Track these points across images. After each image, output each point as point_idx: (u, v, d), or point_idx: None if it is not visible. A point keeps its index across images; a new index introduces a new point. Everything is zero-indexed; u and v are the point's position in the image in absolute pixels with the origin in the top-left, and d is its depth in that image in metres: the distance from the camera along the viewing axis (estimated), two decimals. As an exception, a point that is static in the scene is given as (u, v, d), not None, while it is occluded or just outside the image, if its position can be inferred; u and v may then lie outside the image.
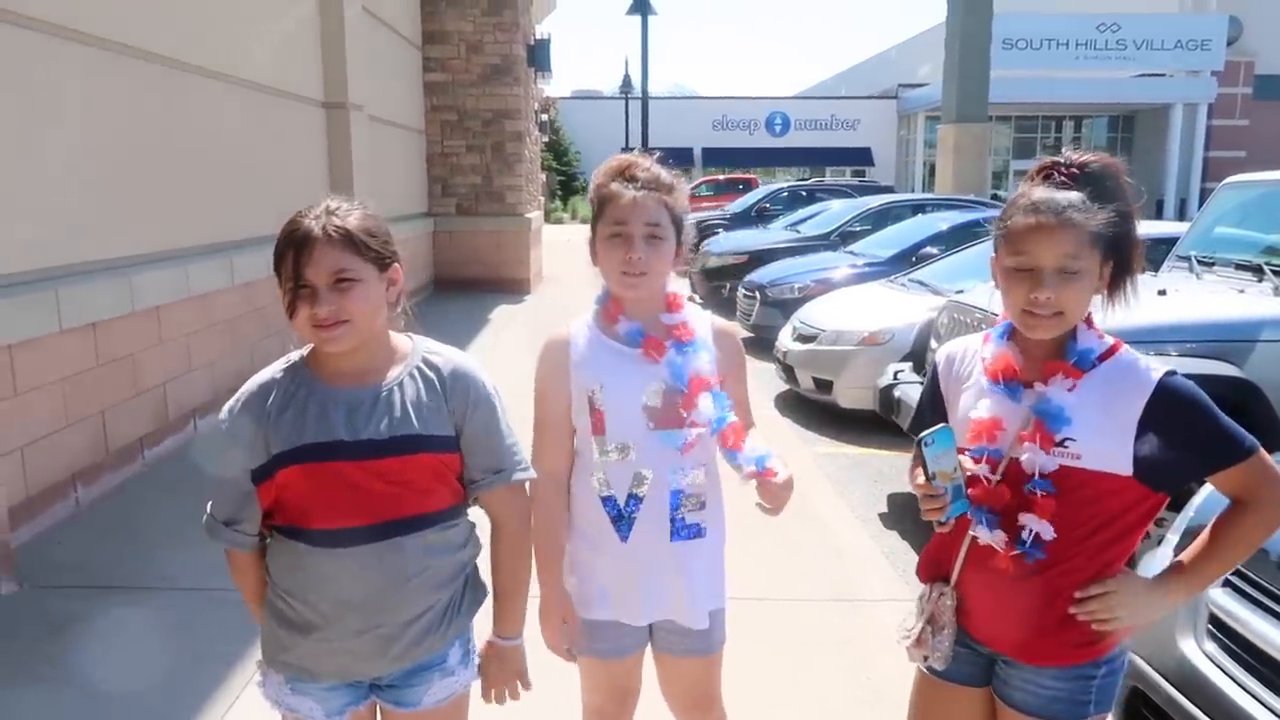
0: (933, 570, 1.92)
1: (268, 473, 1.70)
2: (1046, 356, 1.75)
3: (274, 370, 1.78)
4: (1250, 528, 1.68)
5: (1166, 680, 2.33)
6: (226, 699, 3.16)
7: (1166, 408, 1.65)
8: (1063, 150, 1.78)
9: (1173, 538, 2.64)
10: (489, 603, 1.94)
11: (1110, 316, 1.76)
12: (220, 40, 6.86)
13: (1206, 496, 2.67)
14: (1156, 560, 2.63)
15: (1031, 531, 1.71)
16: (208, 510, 1.78)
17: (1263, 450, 1.67)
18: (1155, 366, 1.70)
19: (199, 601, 3.83)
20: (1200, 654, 2.29)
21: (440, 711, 1.87)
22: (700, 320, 2.07)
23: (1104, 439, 1.67)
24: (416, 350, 1.82)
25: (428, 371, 1.78)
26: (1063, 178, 1.70)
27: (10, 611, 3.78)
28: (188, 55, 6.31)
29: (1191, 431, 1.66)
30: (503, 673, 1.93)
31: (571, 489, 2.09)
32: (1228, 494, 1.71)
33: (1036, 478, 1.70)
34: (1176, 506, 3.74)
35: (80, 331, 4.91)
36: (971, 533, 1.79)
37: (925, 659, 1.86)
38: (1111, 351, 1.73)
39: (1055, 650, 1.76)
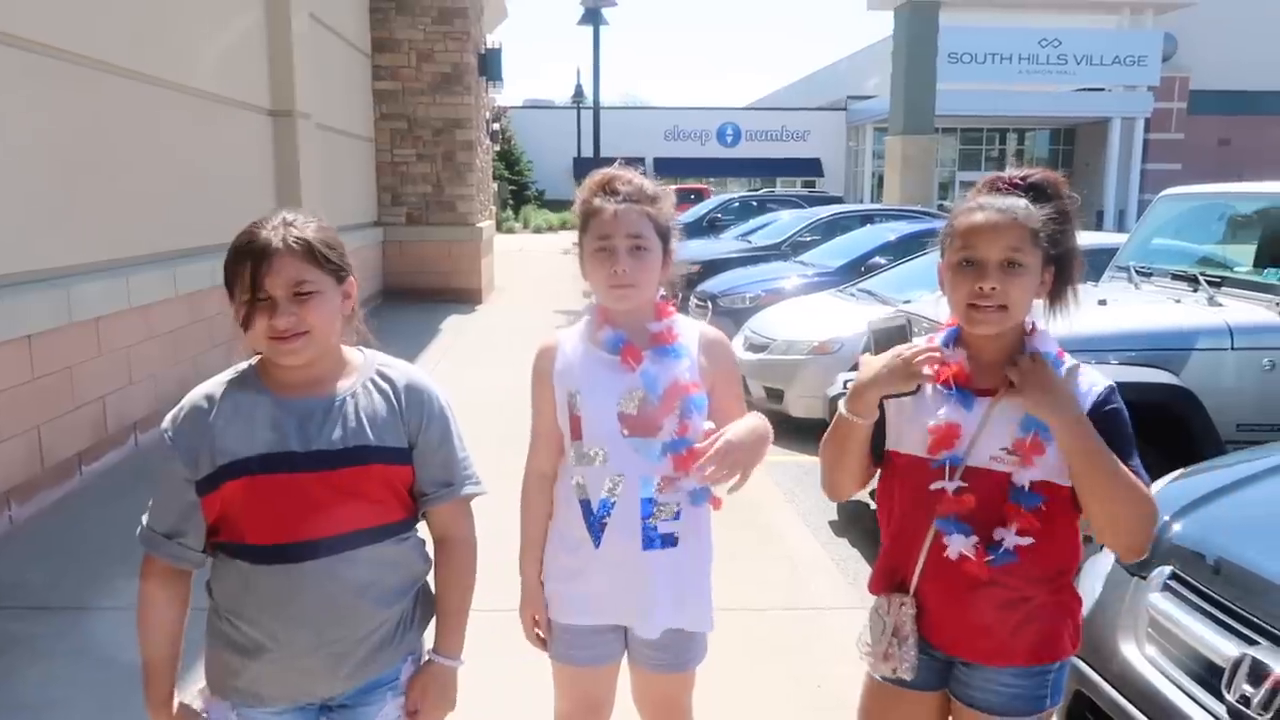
0: (887, 582, 1.93)
1: (214, 484, 1.65)
2: (995, 361, 1.80)
3: (220, 380, 1.74)
4: (1142, 491, 1.72)
5: (1109, 684, 2.37)
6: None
7: (1101, 418, 1.74)
8: (1007, 164, 1.88)
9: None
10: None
11: (1054, 324, 1.83)
12: (163, 45, 6.73)
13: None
14: (1099, 563, 2.68)
15: (1009, 543, 1.75)
16: (144, 523, 1.73)
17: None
18: (1097, 380, 1.79)
19: (139, 620, 3.73)
20: (1141, 657, 2.34)
21: None
22: (687, 328, 2.09)
23: (1050, 448, 1.74)
24: (369, 363, 1.80)
25: (382, 384, 1.77)
26: (1007, 187, 1.80)
27: (-60, 634, 3.65)
28: (128, 60, 6.18)
29: (1112, 438, 1.73)
30: (435, 692, 1.84)
31: (557, 491, 2.12)
32: None
33: (1026, 489, 1.75)
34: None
35: (14, 344, 4.77)
36: (944, 542, 1.80)
37: (894, 671, 1.87)
38: (1058, 363, 1.79)
39: (1017, 652, 1.80)
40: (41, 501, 4.98)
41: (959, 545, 1.78)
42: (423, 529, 1.88)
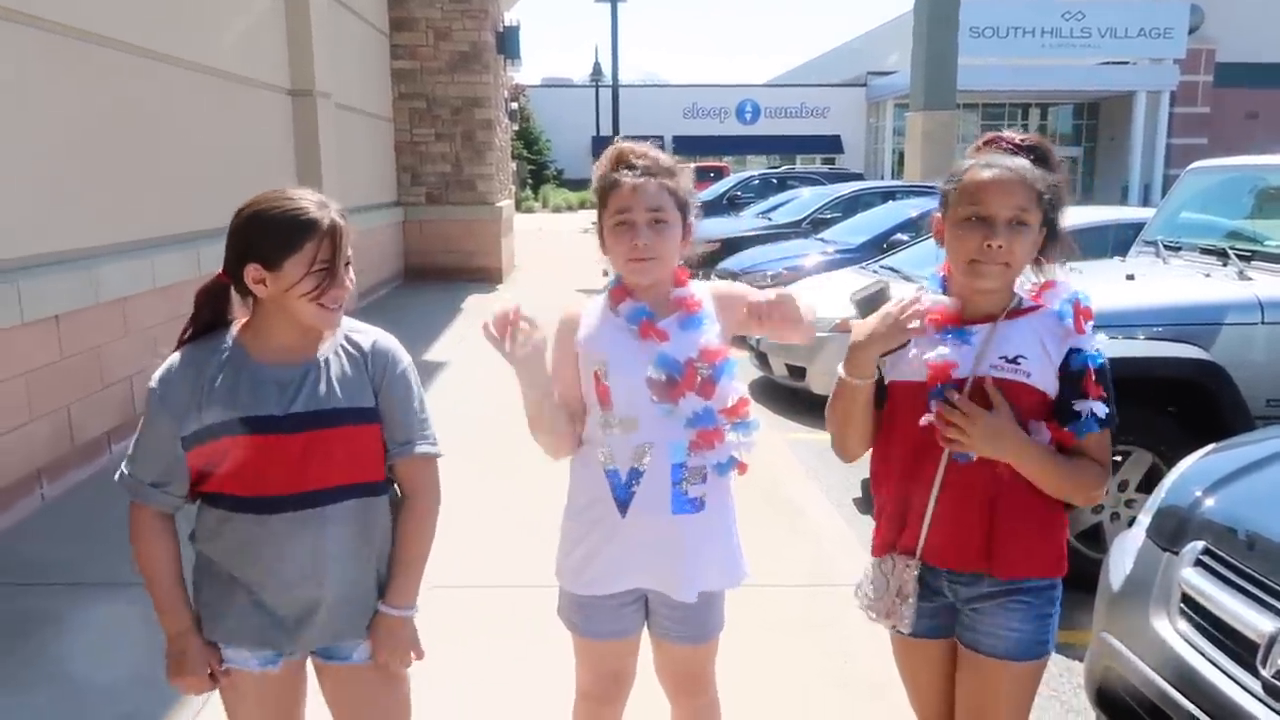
0: (890, 540, 2.02)
1: (200, 439, 1.77)
2: (984, 303, 1.91)
3: (205, 343, 1.86)
4: (1087, 475, 1.87)
5: (1141, 660, 2.36)
6: (200, 696, 3.12)
7: (1077, 362, 1.87)
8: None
9: (1144, 518, 2.67)
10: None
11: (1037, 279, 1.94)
12: (185, 27, 6.74)
13: (1177, 478, 2.71)
14: (1130, 539, 2.67)
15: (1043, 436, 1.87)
16: (126, 470, 1.84)
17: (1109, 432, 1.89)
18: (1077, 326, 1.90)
19: (170, 596, 3.77)
20: (1174, 633, 2.32)
21: (369, 667, 1.94)
22: (703, 292, 2.10)
23: (1042, 366, 1.87)
24: (340, 330, 1.90)
25: (350, 349, 1.89)
26: (1011, 147, 1.89)
27: (-25, 609, 3.71)
28: (152, 42, 6.20)
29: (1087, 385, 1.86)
30: (392, 642, 1.92)
31: (577, 465, 2.12)
32: (1075, 450, 1.89)
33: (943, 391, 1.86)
34: (1148, 487, 3.80)
35: (43, 324, 4.82)
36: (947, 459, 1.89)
37: (893, 626, 2.00)
38: (1038, 306, 1.92)
39: (1035, 562, 1.91)
40: (71, 480, 5.04)
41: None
42: None
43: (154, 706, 3.05)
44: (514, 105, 19.55)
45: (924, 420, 1.88)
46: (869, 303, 1.94)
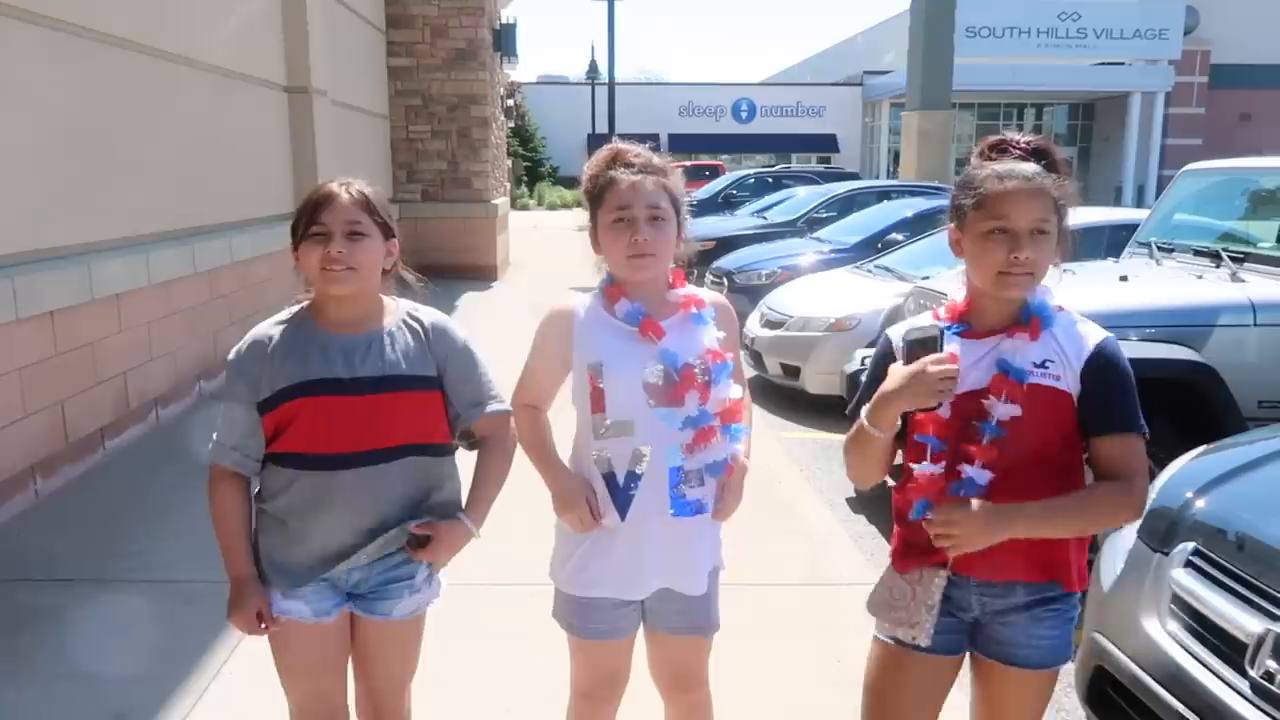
0: (915, 553, 1.93)
1: (272, 405, 1.95)
2: (1002, 323, 1.89)
3: (279, 319, 2.05)
4: (1106, 499, 1.84)
5: (1131, 660, 2.37)
6: (195, 691, 3.13)
7: (1102, 361, 1.85)
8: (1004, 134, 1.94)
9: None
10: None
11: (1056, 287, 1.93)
12: (179, 22, 6.72)
13: (1168, 480, 2.72)
14: (1121, 540, 2.68)
15: (969, 478, 1.84)
16: (215, 439, 2.02)
17: (1144, 439, 1.87)
18: (1091, 333, 1.89)
19: (164, 593, 3.77)
20: (1164, 633, 2.34)
21: (405, 623, 2.12)
22: (703, 294, 2.13)
23: (1068, 368, 1.85)
24: (400, 308, 2.11)
25: (413, 324, 2.07)
26: (1019, 152, 1.87)
27: (-31, 606, 3.71)
28: (146, 38, 6.18)
29: (1111, 390, 1.85)
30: (446, 542, 2.08)
31: (572, 468, 2.13)
32: (1102, 462, 1.86)
33: (993, 423, 1.83)
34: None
35: (38, 320, 4.81)
36: (920, 468, 1.87)
37: (913, 638, 1.92)
38: (1060, 310, 1.91)
39: (1068, 572, 1.90)
40: (66, 476, 5.03)
41: (925, 468, 1.86)
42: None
43: (147, 702, 3.06)
44: (510, 102, 19.54)
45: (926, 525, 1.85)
46: (918, 346, 1.82)
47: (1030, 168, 1.84)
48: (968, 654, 2.01)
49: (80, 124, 5.43)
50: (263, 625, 2.02)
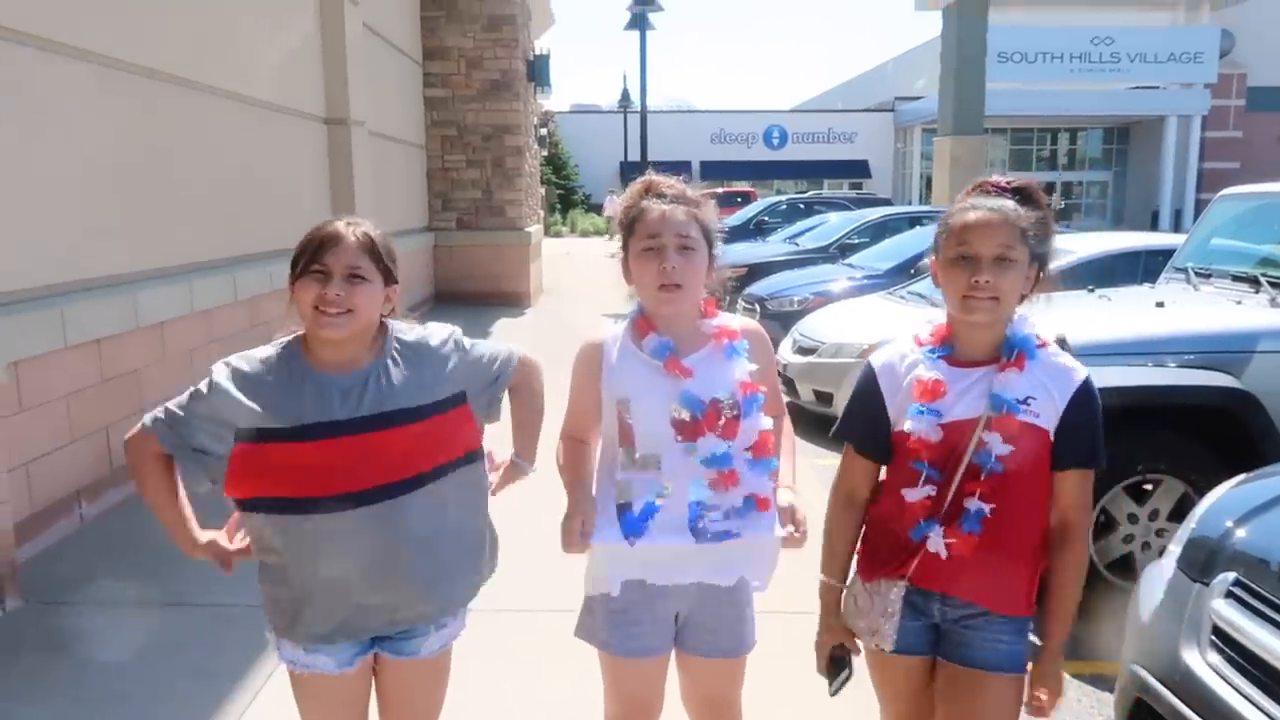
0: (876, 567, 2.11)
1: (257, 439, 1.87)
2: (983, 354, 1.99)
3: (274, 349, 1.98)
4: (1077, 563, 2.03)
5: (1171, 692, 2.34)
6: (233, 714, 3.17)
7: (1085, 399, 1.96)
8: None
9: (1175, 548, 2.65)
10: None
11: (1034, 314, 2.03)
12: (222, 57, 6.90)
13: (1208, 508, 2.69)
14: (1159, 569, 2.65)
15: (971, 511, 1.95)
16: (160, 413, 1.97)
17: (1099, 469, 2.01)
18: (1076, 364, 1.99)
19: (203, 618, 3.83)
20: (1204, 665, 2.30)
21: (434, 661, 2.10)
22: (737, 324, 2.14)
23: (1049, 406, 1.95)
24: (390, 336, 2.02)
25: (402, 352, 2.01)
26: (996, 190, 2.00)
27: (14, 628, 3.79)
28: (190, 72, 6.35)
29: (1088, 428, 1.96)
30: (509, 477, 2.25)
31: (598, 491, 2.13)
32: (1062, 494, 2.00)
33: (993, 460, 1.93)
34: (1179, 517, 3.77)
35: (85, 348, 4.93)
36: (914, 493, 2.00)
37: (876, 644, 2.11)
38: (1042, 345, 2.00)
39: (1015, 601, 2.01)
40: (109, 500, 5.13)
41: (935, 540, 1.98)
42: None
43: (188, 726, 3.10)
44: (543, 131, 19.76)
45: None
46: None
47: (999, 201, 1.96)
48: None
49: (126, 157, 5.58)
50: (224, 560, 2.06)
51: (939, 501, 1.99)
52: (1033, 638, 2.05)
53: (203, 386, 1.94)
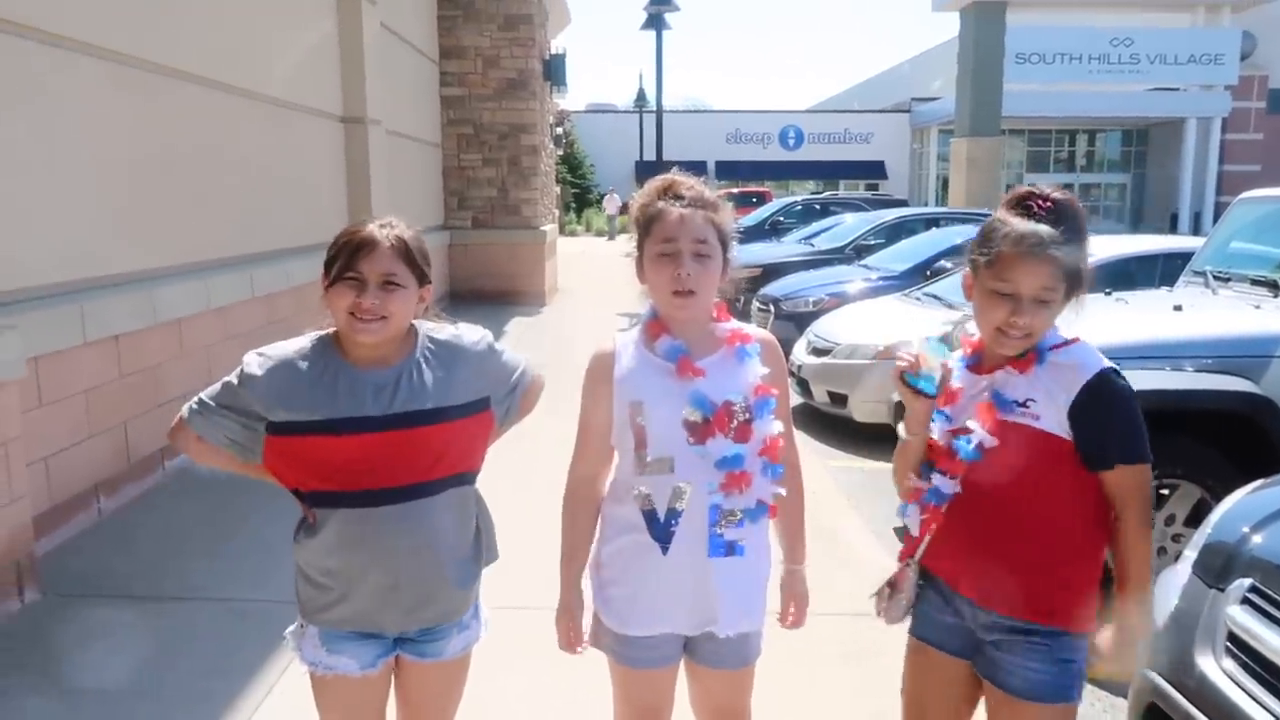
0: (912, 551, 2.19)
1: (287, 431, 1.90)
2: (1003, 361, 2.00)
3: (306, 342, 2.00)
4: (1141, 543, 1.93)
5: (1185, 698, 2.33)
6: (247, 709, 3.19)
7: (1097, 394, 1.89)
8: (1025, 182, 2.05)
9: (1190, 554, 2.64)
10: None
11: (1063, 320, 1.99)
12: (240, 56, 6.95)
13: (1224, 513, 2.68)
14: (1175, 575, 2.64)
15: (936, 486, 2.02)
16: (201, 400, 2.02)
17: (1148, 467, 1.95)
18: (1103, 361, 1.94)
19: (219, 612, 3.86)
20: (1219, 671, 2.29)
21: (455, 662, 2.12)
22: (749, 330, 2.12)
23: (1052, 408, 1.91)
24: (421, 335, 2.04)
25: (435, 351, 2.03)
26: (1040, 210, 1.91)
27: (33, 620, 3.83)
28: (208, 70, 6.40)
29: (1103, 427, 1.90)
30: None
31: (610, 504, 2.12)
32: (1111, 494, 1.94)
33: (971, 446, 1.96)
34: (1196, 521, 3.75)
35: (103, 344, 4.98)
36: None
37: (882, 617, 2.19)
38: (1067, 344, 1.96)
39: (1037, 610, 1.95)
40: (127, 495, 5.18)
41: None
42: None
43: (202, 718, 3.12)
44: (559, 130, 19.79)
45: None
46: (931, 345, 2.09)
47: (1046, 232, 1.88)
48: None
49: (144, 155, 5.63)
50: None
51: None
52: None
53: (233, 377, 1.97)
